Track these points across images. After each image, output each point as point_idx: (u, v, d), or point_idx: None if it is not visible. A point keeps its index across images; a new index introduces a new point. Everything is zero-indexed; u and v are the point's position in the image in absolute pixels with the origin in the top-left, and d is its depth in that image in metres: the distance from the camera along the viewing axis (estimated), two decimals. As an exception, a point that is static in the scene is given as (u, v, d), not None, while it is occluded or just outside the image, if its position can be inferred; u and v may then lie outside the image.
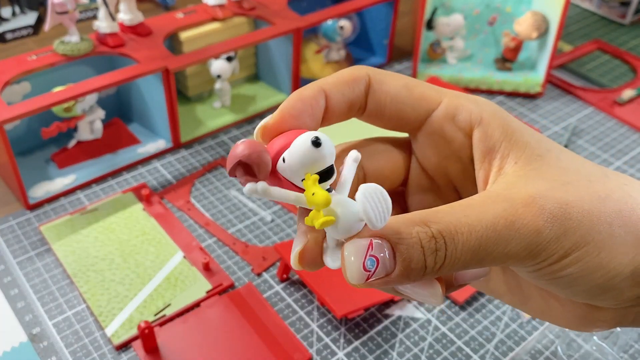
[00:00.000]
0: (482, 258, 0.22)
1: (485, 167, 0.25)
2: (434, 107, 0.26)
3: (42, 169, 0.69)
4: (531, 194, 0.22)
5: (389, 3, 0.86)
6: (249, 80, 0.86)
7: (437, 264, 0.21)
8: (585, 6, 1.10)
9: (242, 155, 0.21)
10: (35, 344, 0.51)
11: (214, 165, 0.71)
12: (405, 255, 0.21)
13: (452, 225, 0.21)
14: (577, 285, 0.23)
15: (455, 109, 0.26)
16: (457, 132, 0.26)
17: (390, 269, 0.21)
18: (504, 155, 0.24)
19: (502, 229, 0.21)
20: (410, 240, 0.21)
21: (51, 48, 0.68)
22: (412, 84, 0.26)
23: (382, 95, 0.26)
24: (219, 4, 0.78)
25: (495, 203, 0.22)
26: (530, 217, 0.22)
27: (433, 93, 0.26)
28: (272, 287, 0.57)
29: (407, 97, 0.26)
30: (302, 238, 0.24)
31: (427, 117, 0.26)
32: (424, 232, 0.21)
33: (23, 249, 0.60)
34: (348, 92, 0.25)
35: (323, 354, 0.51)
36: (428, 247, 0.21)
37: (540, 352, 0.52)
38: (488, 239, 0.21)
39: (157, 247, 0.60)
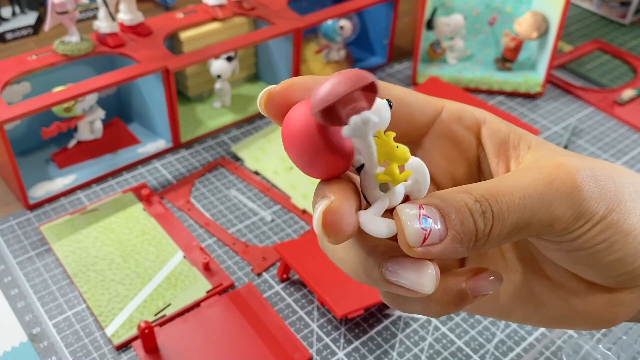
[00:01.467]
0: (529, 220, 0.22)
1: (503, 159, 0.26)
2: (439, 110, 0.27)
3: (42, 169, 0.69)
4: (560, 159, 0.23)
5: (389, 3, 0.86)
6: (249, 80, 0.86)
7: (487, 227, 0.21)
8: (585, 6, 1.10)
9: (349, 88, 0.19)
10: (35, 344, 0.51)
11: (214, 165, 0.71)
12: (454, 220, 0.21)
13: (494, 189, 0.22)
14: (614, 252, 0.23)
15: (458, 112, 0.27)
16: (464, 131, 0.27)
17: (443, 235, 0.21)
18: (515, 145, 0.26)
19: (542, 189, 0.22)
20: (457, 204, 0.21)
21: (51, 48, 0.68)
22: (412, 93, 0.27)
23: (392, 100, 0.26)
24: (219, 4, 0.78)
25: (528, 171, 0.23)
26: (566, 176, 0.22)
27: (434, 100, 0.27)
28: (272, 287, 0.57)
29: (414, 101, 0.26)
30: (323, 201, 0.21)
31: (434, 120, 0.27)
32: (468, 197, 0.22)
33: (23, 249, 0.60)
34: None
35: (323, 354, 0.51)
36: (475, 209, 0.21)
37: (541, 353, 0.52)
38: (531, 198, 0.22)
39: (157, 247, 0.60)
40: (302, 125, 0.21)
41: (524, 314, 0.28)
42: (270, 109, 0.23)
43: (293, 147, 0.21)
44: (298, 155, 0.21)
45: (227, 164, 0.72)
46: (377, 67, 0.91)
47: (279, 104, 0.22)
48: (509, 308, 0.28)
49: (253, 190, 0.68)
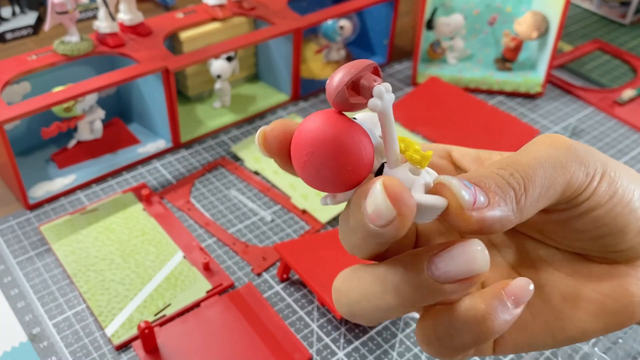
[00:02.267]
0: (551, 180, 0.22)
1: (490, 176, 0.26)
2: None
3: (42, 169, 0.69)
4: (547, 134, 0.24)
5: (389, 3, 0.86)
6: (249, 80, 0.86)
7: (521, 186, 0.22)
8: (585, 6, 1.10)
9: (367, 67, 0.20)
10: (35, 344, 0.51)
11: (214, 165, 0.71)
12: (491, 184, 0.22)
13: (509, 159, 0.23)
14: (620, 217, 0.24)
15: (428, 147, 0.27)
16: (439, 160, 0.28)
17: (486, 201, 0.21)
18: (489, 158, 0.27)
19: (547, 149, 0.23)
20: (486, 173, 0.22)
21: (51, 48, 0.68)
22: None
23: None
24: (219, 4, 0.78)
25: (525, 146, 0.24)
26: (555, 138, 0.23)
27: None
28: (272, 287, 0.57)
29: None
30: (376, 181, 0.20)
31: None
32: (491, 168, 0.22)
33: (23, 249, 0.60)
34: None
35: (323, 354, 0.51)
36: (503, 173, 0.22)
37: (541, 353, 0.52)
38: (542, 158, 0.22)
39: (157, 247, 0.60)
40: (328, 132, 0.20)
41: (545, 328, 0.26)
42: (270, 147, 0.22)
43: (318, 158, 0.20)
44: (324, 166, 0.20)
45: (227, 164, 0.72)
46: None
47: (277, 139, 0.22)
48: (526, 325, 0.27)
49: (253, 190, 0.68)
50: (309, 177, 0.21)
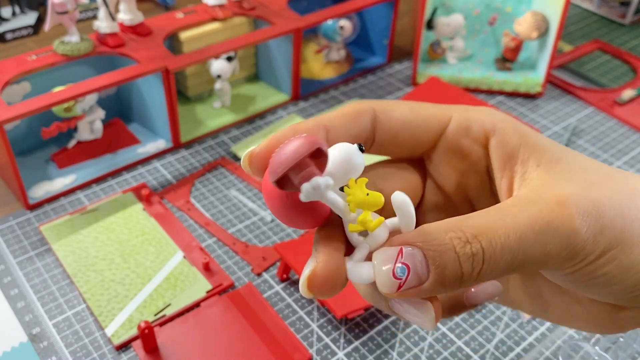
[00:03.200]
0: (523, 261, 0.21)
1: (507, 175, 0.25)
2: (445, 124, 0.26)
3: (42, 169, 0.69)
4: (564, 194, 0.22)
5: (389, 3, 0.86)
6: (249, 80, 0.86)
7: (475, 270, 0.21)
8: (585, 6, 1.10)
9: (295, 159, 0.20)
10: (35, 344, 0.51)
11: (214, 165, 0.71)
12: (438, 262, 0.20)
13: (488, 229, 0.21)
14: (613, 285, 0.23)
15: (467, 122, 0.26)
16: (472, 144, 0.26)
17: (423, 277, 0.21)
18: (525, 159, 0.24)
19: (540, 229, 0.21)
20: (443, 247, 0.20)
21: (51, 48, 0.68)
22: (418, 107, 0.26)
23: (392, 124, 0.25)
24: (219, 4, 0.78)
25: (529, 205, 0.22)
26: (566, 217, 0.21)
27: (440, 111, 0.26)
28: (272, 287, 0.57)
29: (417, 120, 0.26)
30: (310, 263, 0.23)
31: (440, 135, 0.26)
32: (458, 238, 0.20)
33: (23, 249, 0.60)
34: (351, 126, 0.25)
35: (323, 354, 0.51)
36: (463, 252, 0.20)
37: (541, 353, 0.52)
38: (527, 239, 0.21)
39: (157, 247, 0.60)
40: (272, 191, 0.22)
41: (532, 309, 0.28)
42: (254, 170, 0.24)
43: (270, 207, 0.23)
44: (276, 214, 0.23)
45: (227, 164, 0.72)
46: (377, 67, 0.91)
47: (261, 165, 0.23)
48: (518, 301, 0.28)
49: (253, 190, 0.68)
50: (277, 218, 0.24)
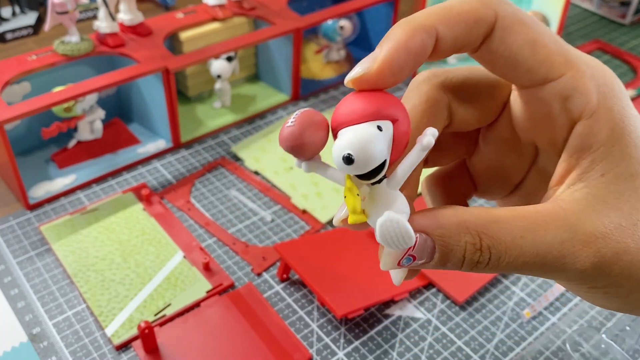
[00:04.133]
0: (521, 273, 0.22)
1: (570, 163, 0.23)
2: (554, 77, 0.23)
3: (42, 169, 0.69)
4: (595, 232, 0.21)
5: (389, 3, 0.86)
6: (249, 80, 0.86)
7: (475, 269, 0.21)
8: (585, 6, 1.10)
9: (280, 143, 0.21)
10: (35, 344, 0.51)
11: (214, 165, 0.71)
12: (444, 255, 0.21)
13: (505, 245, 0.21)
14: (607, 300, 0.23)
15: (573, 91, 0.23)
16: (563, 113, 0.23)
17: (427, 260, 0.21)
18: (596, 160, 0.22)
19: (550, 260, 0.21)
20: (455, 247, 0.21)
21: (51, 48, 0.68)
22: (540, 42, 0.22)
23: (502, 48, 0.22)
24: (219, 4, 0.78)
25: (558, 229, 0.21)
26: (582, 258, 0.21)
27: (560, 60, 0.23)
28: (272, 287, 0.57)
29: (529, 58, 0.22)
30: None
31: (540, 85, 0.23)
32: (473, 244, 0.21)
33: (23, 249, 0.60)
34: (463, 34, 0.22)
35: (323, 354, 0.51)
36: (470, 258, 0.21)
37: (541, 353, 0.52)
38: (534, 264, 0.21)
39: (157, 247, 0.60)
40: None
41: None
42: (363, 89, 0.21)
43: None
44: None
45: (227, 164, 0.72)
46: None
47: (372, 87, 0.21)
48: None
49: (253, 190, 0.68)
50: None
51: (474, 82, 0.25)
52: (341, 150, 0.20)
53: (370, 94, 0.21)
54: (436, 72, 0.25)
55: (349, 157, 0.20)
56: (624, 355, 0.49)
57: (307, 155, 0.21)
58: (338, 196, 0.66)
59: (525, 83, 0.23)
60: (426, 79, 0.25)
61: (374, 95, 0.21)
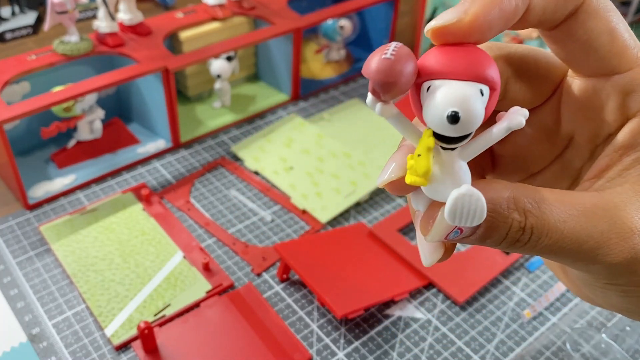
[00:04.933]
0: (551, 258, 0.22)
1: (612, 158, 0.23)
2: (622, 69, 0.22)
3: (41, 169, 0.69)
4: (633, 228, 0.21)
5: (389, 3, 0.86)
6: (249, 80, 0.86)
7: (511, 247, 0.21)
8: (585, 6, 1.10)
9: (371, 76, 0.19)
10: (35, 344, 0.51)
11: (214, 165, 0.71)
12: (489, 230, 0.20)
13: (547, 227, 0.21)
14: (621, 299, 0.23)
15: (638, 87, 0.22)
16: (619, 108, 0.23)
17: (469, 234, 0.21)
18: (637, 159, 0.22)
19: (586, 249, 0.21)
20: (502, 223, 0.20)
21: (51, 48, 0.68)
22: (618, 32, 0.22)
23: (581, 31, 0.22)
24: (218, 4, 0.78)
25: (598, 219, 0.21)
26: (616, 252, 0.21)
27: (631, 54, 0.22)
28: (272, 287, 0.57)
29: (604, 47, 0.22)
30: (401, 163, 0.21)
31: (607, 75, 0.23)
32: (519, 223, 0.20)
33: (23, 249, 0.60)
34: (552, 7, 0.21)
35: (323, 354, 0.51)
36: (513, 235, 0.20)
37: (541, 353, 0.52)
38: (569, 250, 0.21)
39: (156, 247, 0.60)
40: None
41: (552, 265, 0.28)
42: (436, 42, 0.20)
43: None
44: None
45: (227, 164, 0.71)
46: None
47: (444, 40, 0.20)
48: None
49: (253, 190, 0.68)
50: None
51: (533, 61, 0.25)
52: (446, 106, 0.18)
53: (471, 49, 0.19)
54: (499, 44, 0.25)
55: (456, 115, 0.18)
56: (624, 355, 0.49)
57: (390, 95, 0.19)
58: (338, 196, 0.66)
59: (591, 72, 0.23)
60: (490, 49, 0.24)
61: (476, 52, 0.19)
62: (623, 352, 0.50)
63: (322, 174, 0.69)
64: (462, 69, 0.19)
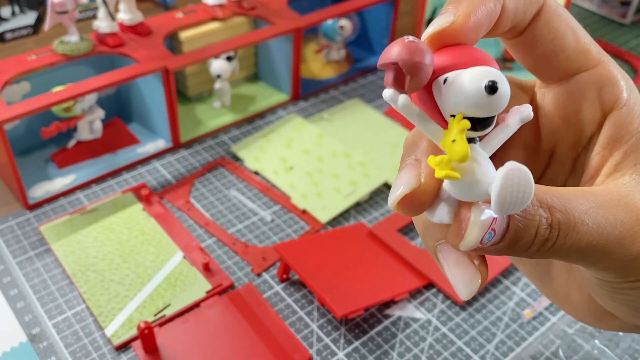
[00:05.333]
0: (581, 259, 0.21)
1: (603, 155, 0.23)
2: (589, 66, 0.23)
3: (41, 169, 0.69)
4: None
5: (389, 3, 0.86)
6: (249, 80, 0.86)
7: (541, 250, 0.20)
8: (585, 6, 1.10)
9: (398, 59, 0.18)
10: (35, 345, 0.51)
11: (214, 165, 0.71)
12: (517, 233, 0.20)
13: (573, 221, 0.20)
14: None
15: (607, 79, 0.23)
16: (596, 105, 0.23)
17: (499, 238, 0.20)
18: (628, 151, 0.22)
19: (612, 240, 0.21)
20: (530, 222, 0.20)
21: (51, 48, 0.68)
22: (580, 32, 0.22)
23: (546, 31, 0.22)
24: (218, 4, 0.78)
25: (617, 208, 0.21)
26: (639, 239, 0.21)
27: (595, 51, 0.23)
28: (272, 287, 0.57)
29: (571, 45, 0.22)
30: (411, 176, 0.20)
31: (576, 74, 0.23)
32: (545, 220, 0.20)
33: (23, 249, 0.60)
34: (521, 8, 0.21)
35: (323, 354, 0.51)
36: (542, 234, 0.20)
37: (541, 353, 0.52)
38: (597, 245, 0.20)
39: (156, 247, 0.60)
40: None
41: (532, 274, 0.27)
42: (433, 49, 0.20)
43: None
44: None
45: (227, 164, 0.71)
46: (377, 67, 0.91)
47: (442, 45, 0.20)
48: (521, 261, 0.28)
49: (253, 190, 0.68)
50: None
51: None
52: (483, 77, 0.18)
53: (471, 48, 0.20)
54: None
55: (494, 85, 0.18)
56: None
57: (417, 80, 0.18)
58: (338, 196, 0.66)
59: (560, 74, 0.23)
60: None
61: (476, 50, 0.20)
62: (615, 357, 0.50)
63: (322, 174, 0.69)
64: (474, 60, 0.19)
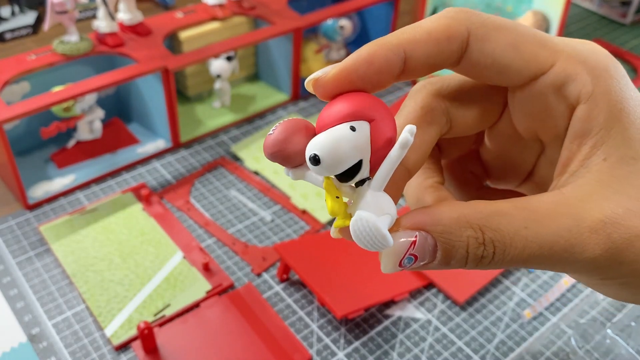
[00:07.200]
0: (534, 267, 0.21)
1: (571, 150, 0.23)
2: (543, 71, 0.23)
3: (41, 169, 0.69)
4: (602, 218, 0.21)
5: (389, 3, 0.86)
6: (249, 80, 0.86)
7: (481, 265, 0.21)
8: (585, 6, 1.10)
9: (267, 156, 0.21)
10: (35, 345, 0.51)
11: (214, 165, 0.71)
12: (447, 253, 0.20)
13: (508, 238, 0.20)
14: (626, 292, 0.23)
15: (566, 78, 0.22)
16: (560, 102, 0.23)
17: (429, 260, 0.21)
18: (596, 145, 0.22)
19: (558, 250, 0.21)
20: (458, 243, 0.20)
21: (50, 48, 0.68)
22: (521, 41, 0.22)
23: (482, 57, 0.22)
24: (218, 4, 0.78)
25: (563, 217, 0.21)
26: (591, 246, 0.21)
27: (545, 53, 0.23)
28: (272, 287, 0.57)
29: (514, 60, 0.22)
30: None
31: (532, 81, 0.23)
32: (475, 239, 0.20)
33: (22, 249, 0.60)
34: (435, 52, 0.22)
35: (323, 354, 0.51)
36: (474, 253, 0.20)
37: (553, 342, 0.52)
38: (541, 256, 0.21)
39: (156, 247, 0.60)
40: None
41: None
42: (319, 95, 0.23)
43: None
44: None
45: (226, 163, 0.71)
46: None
47: (327, 92, 0.22)
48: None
49: (253, 190, 0.68)
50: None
51: (470, 87, 0.26)
52: (310, 149, 0.21)
53: (350, 96, 0.21)
54: (432, 80, 0.26)
55: (315, 157, 0.20)
56: (629, 350, 0.49)
57: (292, 162, 0.21)
58: (338, 196, 0.66)
59: (517, 83, 0.23)
60: (422, 87, 0.26)
61: (353, 97, 0.21)
62: (628, 347, 0.50)
63: (322, 174, 0.69)
64: (334, 115, 0.21)
